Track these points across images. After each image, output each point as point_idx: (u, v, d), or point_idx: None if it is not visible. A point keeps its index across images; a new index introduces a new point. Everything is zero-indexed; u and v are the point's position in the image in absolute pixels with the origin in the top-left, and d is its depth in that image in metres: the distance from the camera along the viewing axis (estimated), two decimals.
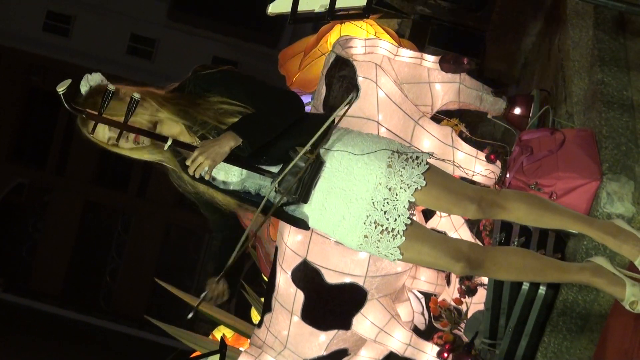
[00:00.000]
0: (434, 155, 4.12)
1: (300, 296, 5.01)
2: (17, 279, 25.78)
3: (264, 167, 3.96)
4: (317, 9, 4.82)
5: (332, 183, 3.96)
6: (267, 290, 5.25)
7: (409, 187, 3.93)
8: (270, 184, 3.93)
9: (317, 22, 5.41)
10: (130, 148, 3.96)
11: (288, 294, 5.05)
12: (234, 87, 3.98)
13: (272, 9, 4.94)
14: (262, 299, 5.78)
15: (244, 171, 3.99)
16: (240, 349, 6.06)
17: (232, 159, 3.85)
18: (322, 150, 3.98)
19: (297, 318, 5.05)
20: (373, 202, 3.94)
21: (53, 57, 24.48)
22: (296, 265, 5.00)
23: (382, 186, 3.94)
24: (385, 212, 3.94)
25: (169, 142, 3.84)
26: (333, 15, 4.82)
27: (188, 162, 3.80)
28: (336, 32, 6.20)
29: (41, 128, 25.86)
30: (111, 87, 3.75)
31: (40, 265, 25.85)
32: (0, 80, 25.40)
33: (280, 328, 5.14)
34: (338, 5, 4.73)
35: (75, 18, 24.97)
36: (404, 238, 3.94)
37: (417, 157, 3.99)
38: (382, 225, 3.95)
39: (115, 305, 25.76)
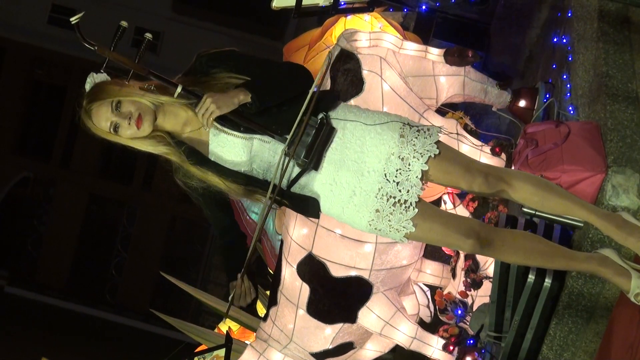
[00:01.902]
0: (443, 129, 4.08)
1: (305, 289, 5.02)
2: (23, 273, 25.80)
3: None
4: (321, 2, 4.82)
5: (344, 154, 3.91)
6: (273, 283, 5.26)
7: (422, 156, 3.90)
8: (282, 150, 3.89)
9: (321, 15, 5.41)
10: (130, 137, 3.94)
11: (294, 288, 5.06)
12: (242, 61, 3.96)
13: (276, 3, 4.94)
14: (268, 293, 5.79)
15: (252, 148, 3.95)
16: (246, 342, 6.07)
17: (241, 115, 3.85)
18: (334, 121, 3.96)
19: (302, 311, 5.06)
20: (385, 174, 3.89)
21: (58, 50, 24.45)
22: (302, 258, 5.01)
23: (394, 156, 3.90)
24: (397, 184, 3.89)
25: (179, 89, 3.82)
26: (337, 8, 4.82)
27: (197, 109, 3.79)
28: (341, 26, 6.19)
29: (46, 121, 25.85)
30: (124, 23, 3.76)
31: (45, 258, 25.86)
32: (5, 74, 25.40)
33: (286, 321, 5.15)
34: None
35: (79, 11, 24.97)
36: (417, 209, 3.90)
37: (429, 129, 3.97)
38: (394, 198, 3.90)
39: (121, 298, 25.76)
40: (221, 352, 5.03)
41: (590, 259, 4.09)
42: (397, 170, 3.90)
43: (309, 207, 4.04)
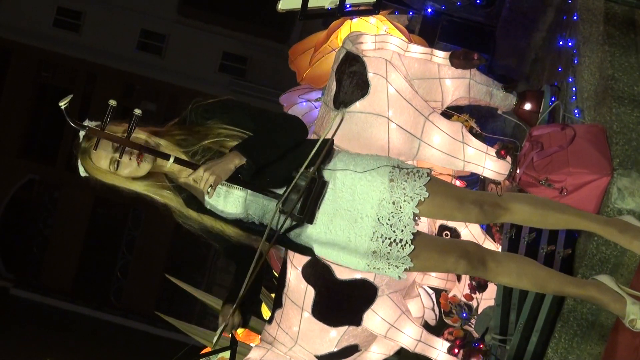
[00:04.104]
0: (433, 170, 4.16)
1: (310, 292, 5.01)
2: (28, 275, 25.83)
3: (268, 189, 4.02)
4: (327, 5, 4.82)
5: (336, 204, 4.02)
6: (278, 286, 5.25)
7: (412, 200, 3.99)
8: (275, 205, 3.96)
9: (327, 18, 5.41)
10: (129, 175, 4.02)
11: (298, 290, 5.05)
12: (235, 112, 4.06)
13: (282, 5, 4.93)
14: (273, 295, 5.78)
15: (246, 200, 4.04)
16: (251, 344, 6.07)
17: (237, 180, 3.90)
18: (325, 172, 4.03)
19: (307, 314, 5.05)
20: (378, 218, 4.01)
21: (63, 52, 24.47)
22: (307, 261, 5.00)
23: (385, 201, 4.00)
24: (391, 226, 4.01)
25: (171, 160, 3.91)
26: (343, 11, 4.81)
27: (191, 178, 3.87)
28: (346, 28, 6.19)
29: (51, 124, 25.88)
30: (113, 102, 3.81)
31: (51, 261, 25.87)
32: (11, 76, 25.43)
33: (290, 324, 5.14)
34: (348, 1, 4.73)
35: (85, 14, 24.98)
36: (413, 246, 3.99)
37: (418, 171, 4.03)
38: (389, 238, 4.01)
39: (126, 301, 25.77)
40: (226, 354, 5.03)
41: (585, 284, 4.11)
42: (390, 214, 4.02)
43: (305, 252, 4.21)
